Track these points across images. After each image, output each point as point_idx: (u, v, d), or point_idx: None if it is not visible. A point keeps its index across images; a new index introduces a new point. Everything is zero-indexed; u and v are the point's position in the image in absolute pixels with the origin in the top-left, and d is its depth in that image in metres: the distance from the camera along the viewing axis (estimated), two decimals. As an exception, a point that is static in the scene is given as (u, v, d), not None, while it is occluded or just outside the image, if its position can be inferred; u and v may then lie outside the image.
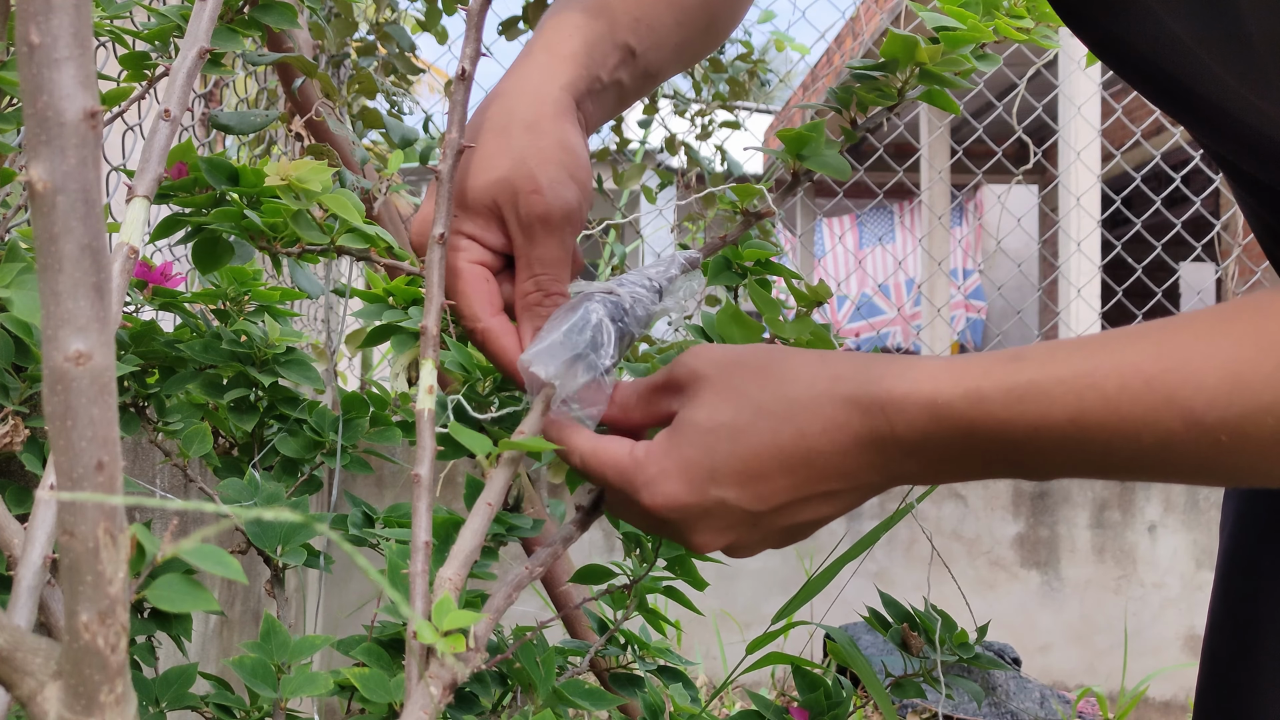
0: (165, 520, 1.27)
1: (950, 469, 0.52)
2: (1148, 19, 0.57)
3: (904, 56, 0.76)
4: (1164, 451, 0.47)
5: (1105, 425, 0.47)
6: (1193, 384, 0.46)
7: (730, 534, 0.56)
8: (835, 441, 0.52)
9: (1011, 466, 0.51)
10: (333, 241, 0.77)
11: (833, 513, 0.55)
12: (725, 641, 2.72)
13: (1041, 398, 0.49)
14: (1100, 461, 0.49)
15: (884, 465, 0.52)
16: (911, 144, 4.44)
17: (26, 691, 0.36)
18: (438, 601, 0.51)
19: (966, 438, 0.50)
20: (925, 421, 0.50)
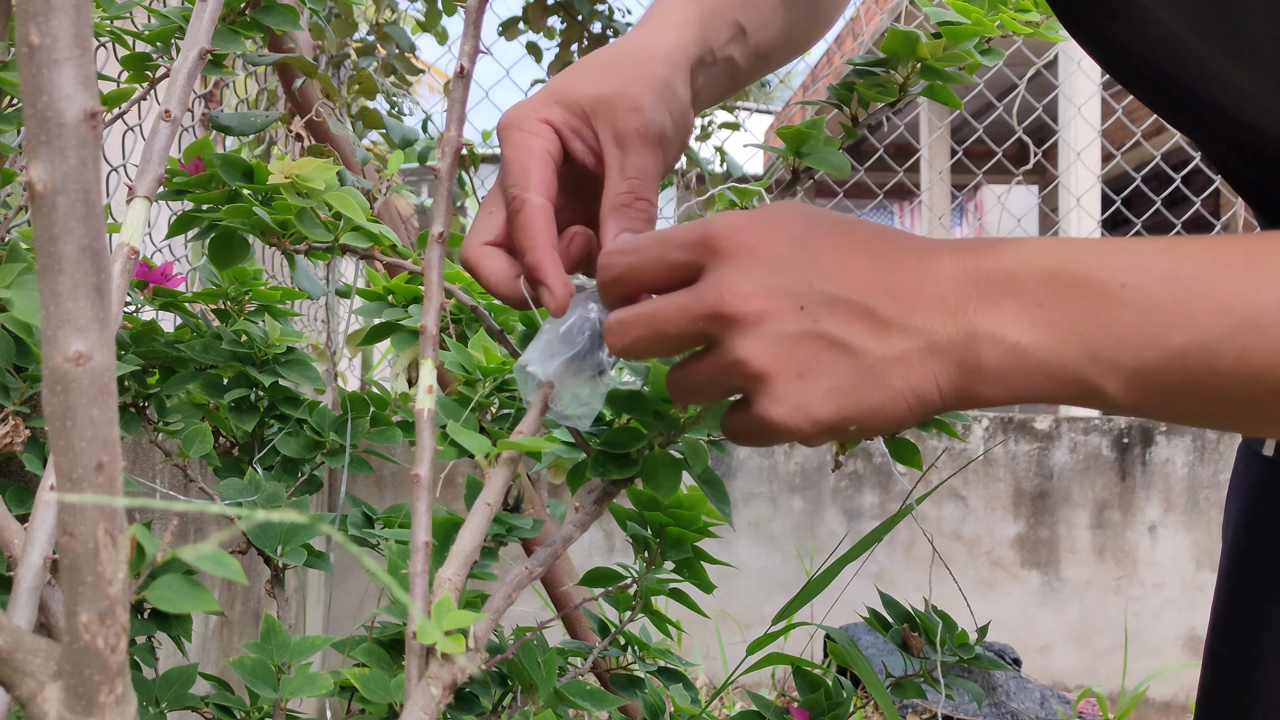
0: (165, 520, 1.27)
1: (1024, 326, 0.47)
2: (1148, 21, 0.57)
3: (905, 52, 0.76)
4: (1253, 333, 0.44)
5: (1195, 291, 0.45)
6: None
7: (773, 296, 0.49)
8: (925, 262, 0.49)
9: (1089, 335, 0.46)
10: (337, 239, 0.77)
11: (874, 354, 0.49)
12: (725, 642, 2.72)
13: (1132, 253, 0.47)
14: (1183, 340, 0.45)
15: (957, 307, 0.48)
16: (911, 144, 4.44)
17: (26, 692, 0.36)
18: (437, 602, 0.51)
19: (1051, 280, 0.47)
20: (1012, 257, 0.48)
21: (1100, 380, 0.47)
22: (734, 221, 0.51)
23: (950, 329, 0.48)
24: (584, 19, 2.58)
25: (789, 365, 0.49)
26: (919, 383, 0.49)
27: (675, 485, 0.63)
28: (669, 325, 0.51)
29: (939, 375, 0.49)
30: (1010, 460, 2.90)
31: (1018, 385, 0.48)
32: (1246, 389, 0.45)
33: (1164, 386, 0.46)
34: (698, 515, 0.76)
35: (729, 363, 0.50)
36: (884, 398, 0.49)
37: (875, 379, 0.49)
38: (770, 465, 2.89)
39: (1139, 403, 0.47)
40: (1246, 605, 0.68)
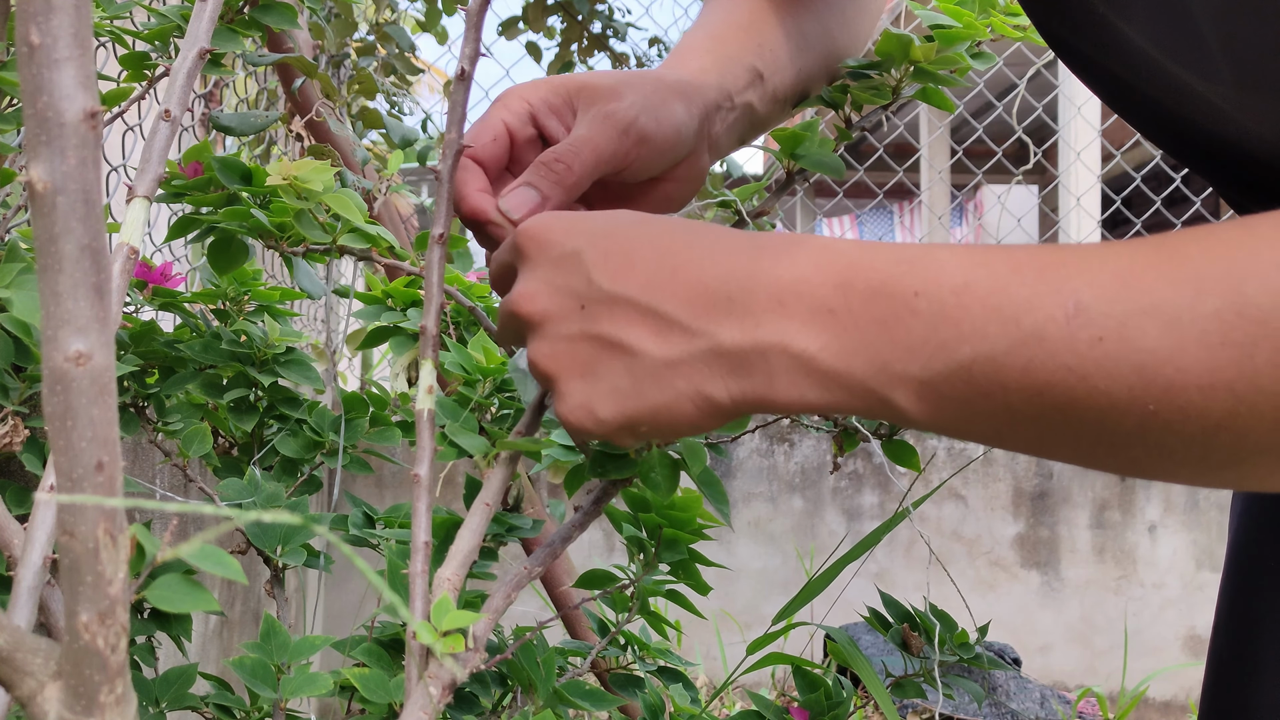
0: (165, 520, 1.27)
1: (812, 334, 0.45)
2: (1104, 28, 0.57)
3: (898, 54, 0.76)
4: (1038, 344, 0.42)
5: (985, 302, 0.43)
6: (1085, 278, 0.42)
7: (555, 297, 0.49)
8: (715, 259, 0.48)
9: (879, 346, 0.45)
10: (335, 241, 0.77)
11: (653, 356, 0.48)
12: (725, 642, 2.72)
13: (930, 264, 0.45)
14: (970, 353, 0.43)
15: (744, 311, 0.46)
16: (911, 144, 4.45)
17: (26, 692, 0.36)
18: (436, 602, 0.51)
19: (844, 288, 0.45)
20: (808, 262, 0.46)
21: (890, 392, 0.45)
22: (538, 222, 0.52)
23: (736, 334, 0.47)
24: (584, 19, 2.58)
25: (570, 366, 0.49)
26: (704, 385, 0.47)
27: (673, 486, 0.63)
28: (501, 322, 0.54)
29: (726, 379, 0.47)
30: (1010, 460, 2.90)
31: (808, 394, 0.46)
32: (1034, 404, 0.43)
33: (954, 400, 0.44)
34: (692, 517, 0.76)
35: (531, 360, 0.51)
36: (666, 398, 0.48)
37: (655, 380, 0.48)
38: (770, 465, 2.89)
39: (931, 417, 0.45)
40: (1249, 604, 0.68)
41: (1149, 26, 0.54)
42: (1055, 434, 0.44)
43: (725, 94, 0.67)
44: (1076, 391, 0.42)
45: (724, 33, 0.70)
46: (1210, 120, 0.56)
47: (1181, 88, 0.56)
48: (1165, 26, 0.53)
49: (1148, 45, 0.55)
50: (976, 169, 3.72)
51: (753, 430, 0.84)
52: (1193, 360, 0.40)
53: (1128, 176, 5.65)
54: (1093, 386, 0.41)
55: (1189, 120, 0.58)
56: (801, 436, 2.88)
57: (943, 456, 2.87)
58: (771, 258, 0.47)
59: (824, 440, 2.88)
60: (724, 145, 0.69)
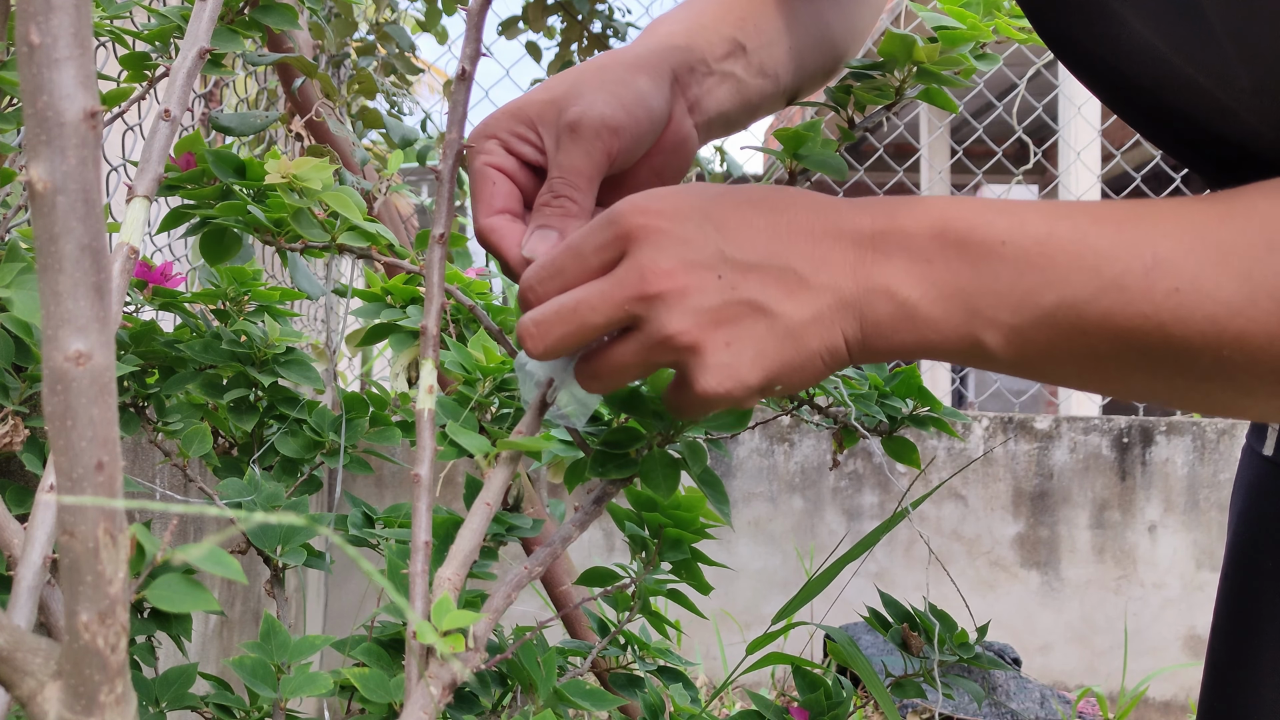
0: (165, 520, 1.27)
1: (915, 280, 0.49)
2: (1114, 24, 0.57)
3: (902, 55, 0.76)
4: (1118, 292, 0.45)
5: (1067, 249, 0.46)
6: (1162, 230, 0.45)
7: (691, 272, 0.50)
8: (823, 215, 0.50)
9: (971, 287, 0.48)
10: (334, 239, 0.77)
11: (791, 316, 0.50)
12: (725, 642, 2.72)
13: (1015, 215, 0.48)
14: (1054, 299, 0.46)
15: (856, 260, 0.50)
16: (911, 144, 4.45)
17: (26, 691, 0.36)
18: (437, 601, 0.51)
19: (938, 234, 0.48)
20: (904, 213, 0.50)
21: (982, 336, 0.48)
22: (636, 205, 0.52)
23: (852, 284, 0.50)
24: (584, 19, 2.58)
25: (716, 335, 0.51)
26: (831, 339, 0.51)
27: (674, 485, 0.63)
28: (594, 314, 0.52)
29: (846, 329, 0.50)
30: (1010, 460, 2.90)
31: (909, 339, 0.50)
32: (1113, 348, 0.46)
33: (1039, 344, 0.48)
34: (695, 516, 0.76)
35: (658, 340, 0.51)
36: (803, 355, 0.51)
37: (795, 339, 0.51)
38: (770, 465, 2.89)
39: (1017, 359, 0.49)
40: (1246, 605, 0.68)
41: (1158, 21, 0.54)
42: (1135, 375, 0.47)
43: (699, 58, 0.67)
44: (1153, 338, 0.45)
45: (700, 5, 0.71)
46: (1218, 120, 0.56)
47: (1189, 85, 0.56)
48: (1176, 23, 0.53)
49: (1157, 40, 0.55)
50: (976, 169, 3.72)
51: (752, 428, 0.84)
52: (1263, 311, 0.44)
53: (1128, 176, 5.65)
54: (1169, 334, 0.45)
55: (1193, 119, 0.58)
56: (801, 436, 2.88)
57: (943, 457, 2.87)
58: (871, 213, 0.50)
59: (824, 440, 2.88)
60: (711, 110, 0.68)
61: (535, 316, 0.54)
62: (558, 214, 0.61)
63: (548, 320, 0.53)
